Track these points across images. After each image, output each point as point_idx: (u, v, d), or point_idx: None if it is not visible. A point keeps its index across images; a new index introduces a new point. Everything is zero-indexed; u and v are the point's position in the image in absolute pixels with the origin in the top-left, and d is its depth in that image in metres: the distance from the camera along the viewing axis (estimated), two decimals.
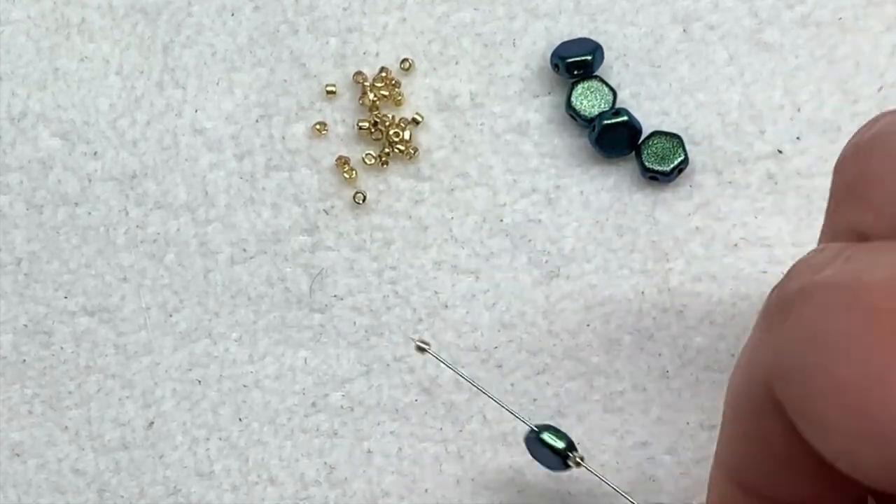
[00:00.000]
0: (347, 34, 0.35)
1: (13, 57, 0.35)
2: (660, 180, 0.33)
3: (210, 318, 0.34)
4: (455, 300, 0.33)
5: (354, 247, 0.34)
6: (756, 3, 0.34)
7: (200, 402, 0.34)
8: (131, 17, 0.35)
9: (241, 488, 0.33)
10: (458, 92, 0.34)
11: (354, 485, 0.33)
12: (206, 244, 0.34)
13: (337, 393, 0.33)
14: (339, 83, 0.35)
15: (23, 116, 0.35)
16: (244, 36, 0.35)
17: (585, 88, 0.33)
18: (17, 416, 0.34)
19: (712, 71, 0.34)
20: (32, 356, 0.34)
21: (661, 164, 0.33)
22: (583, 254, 0.33)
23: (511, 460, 0.33)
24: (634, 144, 0.33)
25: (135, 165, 0.34)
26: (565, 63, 0.33)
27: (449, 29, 0.35)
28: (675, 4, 0.34)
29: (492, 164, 0.34)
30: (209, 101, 0.35)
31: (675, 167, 0.33)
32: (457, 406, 0.33)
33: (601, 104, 0.33)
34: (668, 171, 0.33)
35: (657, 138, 0.33)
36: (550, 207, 0.34)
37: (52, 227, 0.34)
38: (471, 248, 0.34)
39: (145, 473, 0.33)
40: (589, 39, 0.34)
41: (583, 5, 0.35)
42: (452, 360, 0.33)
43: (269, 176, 0.34)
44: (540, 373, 0.33)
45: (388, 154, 0.34)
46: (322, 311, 0.34)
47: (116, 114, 0.35)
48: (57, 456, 0.33)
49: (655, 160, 0.33)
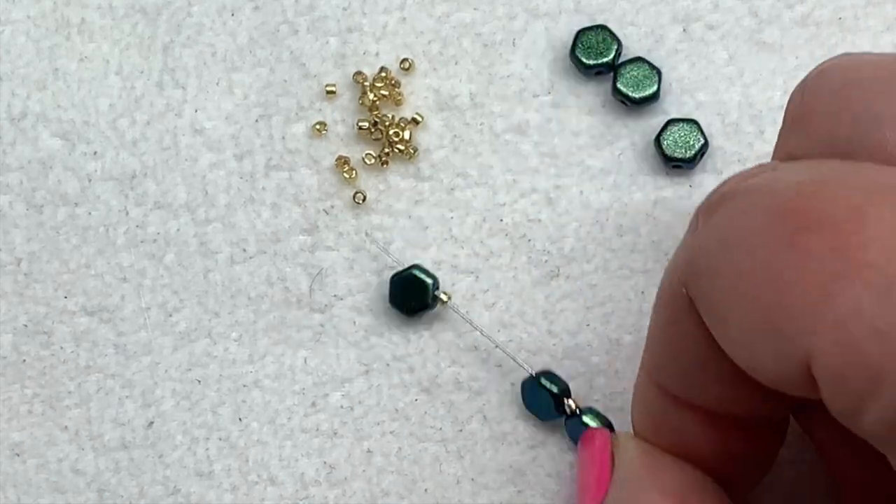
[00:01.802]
0: (347, 34, 0.35)
1: (13, 57, 0.35)
2: (683, 167, 0.33)
3: (210, 318, 0.34)
4: (455, 300, 0.33)
5: (354, 247, 0.34)
6: (756, 3, 0.34)
7: (200, 402, 0.34)
8: (131, 17, 0.35)
9: (241, 488, 0.33)
10: (458, 92, 0.34)
11: (354, 484, 0.33)
12: (206, 244, 0.34)
13: (337, 393, 0.33)
14: (339, 83, 0.35)
15: (23, 116, 0.35)
16: (244, 36, 0.35)
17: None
18: (17, 416, 0.34)
19: (712, 71, 0.34)
20: (32, 356, 0.34)
21: (682, 151, 0.33)
22: (583, 254, 0.33)
23: (511, 460, 0.33)
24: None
25: (135, 165, 0.34)
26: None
27: (449, 29, 0.35)
28: (675, 4, 0.34)
29: (491, 164, 0.34)
30: (209, 101, 0.35)
31: (697, 152, 0.33)
32: (457, 406, 0.33)
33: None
34: (692, 158, 0.33)
35: (675, 125, 0.33)
36: (550, 207, 0.34)
37: (52, 227, 0.34)
38: (471, 247, 0.34)
39: (145, 473, 0.33)
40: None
41: (583, 5, 0.35)
42: (452, 360, 0.33)
43: (269, 176, 0.34)
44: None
45: (388, 154, 0.34)
46: (322, 311, 0.34)
47: (116, 114, 0.35)
48: (57, 456, 0.33)
49: (676, 148, 0.33)
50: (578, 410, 0.32)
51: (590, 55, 0.34)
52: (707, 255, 0.23)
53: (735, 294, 0.22)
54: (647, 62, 0.34)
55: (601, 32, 0.34)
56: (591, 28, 0.34)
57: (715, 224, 0.23)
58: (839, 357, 0.20)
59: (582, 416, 0.32)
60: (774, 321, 0.21)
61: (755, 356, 0.22)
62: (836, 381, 0.20)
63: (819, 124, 0.24)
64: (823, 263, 0.20)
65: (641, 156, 0.34)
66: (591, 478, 0.29)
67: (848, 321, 0.20)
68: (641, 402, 0.28)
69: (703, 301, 0.23)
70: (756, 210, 0.22)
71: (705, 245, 0.23)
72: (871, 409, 0.20)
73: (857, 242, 0.20)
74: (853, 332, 0.20)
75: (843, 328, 0.20)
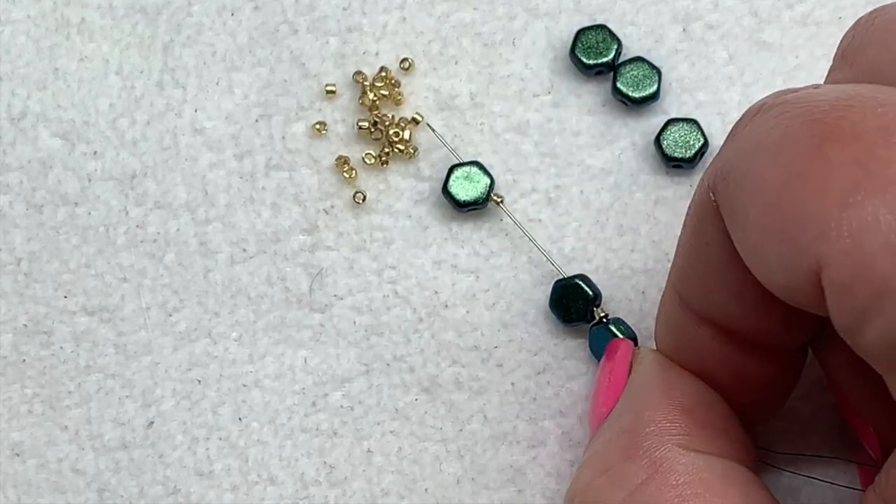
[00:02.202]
0: (347, 34, 0.35)
1: (13, 57, 0.35)
2: (683, 167, 0.33)
3: (210, 318, 0.34)
4: (455, 300, 0.33)
5: (354, 246, 0.34)
6: (756, 3, 0.34)
7: (200, 402, 0.33)
8: (131, 17, 0.35)
9: (241, 488, 0.33)
10: (458, 92, 0.34)
11: (354, 484, 0.33)
12: (206, 244, 0.34)
13: (337, 393, 0.33)
14: (338, 83, 0.35)
15: (23, 116, 0.35)
16: (244, 36, 0.35)
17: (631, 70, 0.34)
18: (17, 416, 0.34)
19: (712, 71, 0.34)
20: (32, 356, 0.34)
21: (682, 151, 0.33)
22: (583, 254, 0.33)
23: (511, 460, 0.33)
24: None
25: (135, 165, 0.34)
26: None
27: (449, 29, 0.35)
28: (675, 4, 0.34)
29: (492, 164, 0.34)
30: (209, 100, 0.35)
31: (697, 152, 0.33)
32: (457, 406, 0.33)
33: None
34: (692, 157, 0.33)
35: (675, 125, 0.33)
36: (550, 207, 0.34)
37: (52, 227, 0.34)
38: (471, 247, 0.34)
39: (145, 473, 0.33)
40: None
41: (583, 5, 0.35)
42: (452, 360, 0.33)
43: (269, 176, 0.34)
44: (540, 372, 0.33)
45: (388, 154, 0.34)
46: (322, 310, 0.34)
47: (116, 114, 0.35)
48: (57, 456, 0.33)
49: (676, 147, 0.33)
50: (606, 319, 0.32)
51: (590, 55, 0.34)
52: (736, 159, 0.23)
53: (757, 198, 0.22)
54: (646, 62, 0.34)
55: (601, 32, 0.34)
56: (591, 28, 0.34)
57: (749, 132, 0.23)
58: (848, 268, 0.20)
59: (609, 325, 0.32)
60: (790, 227, 0.21)
61: (769, 263, 0.22)
62: (842, 293, 0.20)
63: (866, 57, 0.24)
64: (845, 173, 0.20)
65: (641, 156, 0.34)
66: (606, 386, 0.29)
67: (862, 232, 0.20)
68: (664, 317, 0.28)
69: (727, 204, 0.23)
70: (789, 118, 0.22)
71: (736, 151, 0.23)
72: (874, 325, 0.20)
73: (881, 157, 0.20)
74: (865, 244, 0.20)
75: (855, 239, 0.20)
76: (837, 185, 0.20)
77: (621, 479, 0.26)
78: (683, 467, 0.25)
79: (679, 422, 0.27)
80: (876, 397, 0.26)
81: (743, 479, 0.26)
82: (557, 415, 0.33)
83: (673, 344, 0.28)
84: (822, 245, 0.20)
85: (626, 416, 0.28)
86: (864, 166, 0.20)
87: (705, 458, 0.26)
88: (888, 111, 0.21)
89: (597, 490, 0.26)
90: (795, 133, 0.22)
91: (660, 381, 0.28)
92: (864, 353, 0.21)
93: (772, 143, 0.22)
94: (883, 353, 0.20)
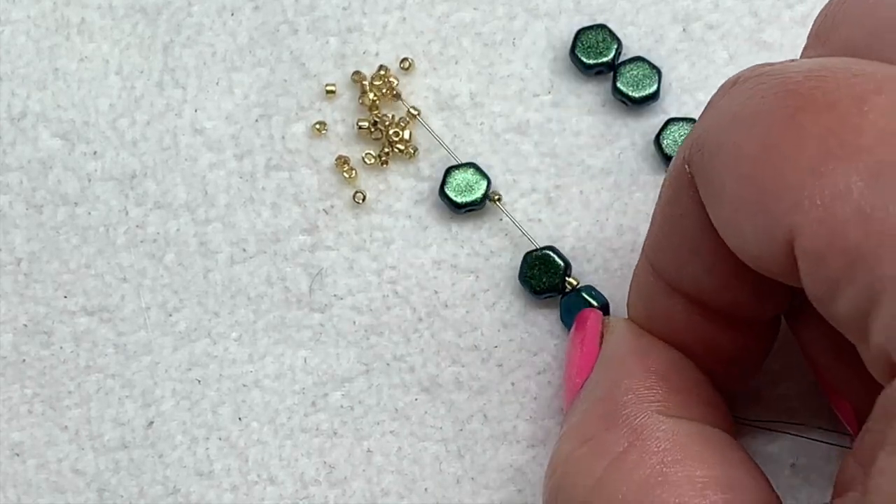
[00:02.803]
0: (347, 34, 0.35)
1: (13, 57, 0.35)
2: None
3: (210, 318, 0.34)
4: (455, 300, 0.33)
5: (354, 246, 0.34)
6: (756, 3, 0.34)
7: (200, 402, 0.33)
8: (131, 17, 0.35)
9: (241, 488, 0.33)
10: (458, 91, 0.34)
11: (354, 484, 0.33)
12: (206, 244, 0.34)
13: (337, 392, 0.33)
14: (338, 83, 0.35)
15: (23, 116, 0.35)
16: (244, 36, 0.35)
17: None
18: (17, 416, 0.34)
19: (712, 71, 0.34)
20: (32, 356, 0.34)
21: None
22: (583, 254, 0.33)
23: (511, 460, 0.33)
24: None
25: (135, 165, 0.34)
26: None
27: (449, 29, 0.35)
28: (675, 4, 0.34)
29: (492, 164, 0.34)
30: (209, 101, 0.35)
31: None
32: (457, 406, 0.33)
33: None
34: None
35: (675, 125, 0.33)
36: (550, 207, 0.34)
37: (52, 227, 0.34)
38: (470, 247, 0.34)
39: (145, 473, 0.33)
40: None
41: (583, 5, 0.35)
42: (452, 359, 0.33)
43: (269, 176, 0.34)
44: (541, 372, 0.33)
45: (388, 154, 0.34)
46: (322, 310, 0.34)
47: (116, 114, 0.35)
48: (57, 456, 0.33)
49: (676, 147, 0.33)
50: (577, 286, 0.32)
51: (590, 55, 0.34)
52: (711, 131, 0.23)
53: (731, 168, 0.22)
54: (646, 62, 0.34)
55: (601, 32, 0.34)
56: (591, 28, 0.34)
57: (724, 103, 0.23)
58: (821, 236, 0.20)
59: (581, 293, 0.32)
60: (765, 197, 0.21)
61: (743, 233, 0.22)
62: (815, 262, 0.20)
63: (839, 35, 0.25)
64: (818, 142, 0.21)
65: (641, 156, 0.34)
66: (578, 357, 0.29)
67: (834, 200, 0.20)
68: (637, 287, 0.28)
69: (702, 175, 0.23)
70: (764, 89, 0.22)
71: (711, 122, 0.23)
72: (846, 293, 0.20)
73: (853, 125, 0.20)
74: (837, 212, 0.20)
75: (828, 207, 0.20)
76: (810, 155, 0.21)
77: (602, 448, 0.26)
78: (663, 433, 0.25)
79: (656, 388, 0.27)
80: (851, 368, 0.26)
81: (722, 442, 0.26)
82: (558, 414, 0.33)
83: (645, 314, 0.28)
84: (796, 215, 0.21)
85: (602, 386, 0.28)
86: (837, 135, 0.20)
87: (685, 423, 0.26)
88: (861, 80, 0.21)
89: (578, 461, 0.26)
90: (770, 104, 0.22)
91: (634, 348, 0.28)
92: (838, 323, 0.21)
93: (747, 115, 0.22)
94: (855, 322, 0.21)
